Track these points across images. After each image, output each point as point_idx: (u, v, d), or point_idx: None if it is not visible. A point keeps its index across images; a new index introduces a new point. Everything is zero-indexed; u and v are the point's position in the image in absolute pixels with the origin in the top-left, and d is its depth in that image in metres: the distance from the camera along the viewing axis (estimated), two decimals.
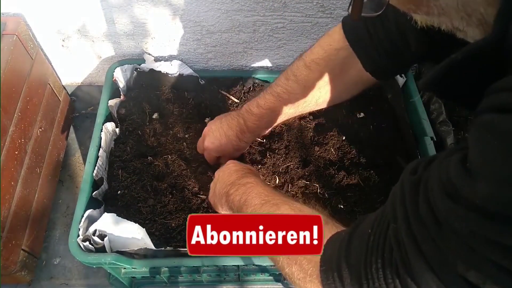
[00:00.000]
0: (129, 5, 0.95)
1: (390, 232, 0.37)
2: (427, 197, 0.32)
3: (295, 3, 0.95)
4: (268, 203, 0.60)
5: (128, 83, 1.07)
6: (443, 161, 0.32)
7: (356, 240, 0.43)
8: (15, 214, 0.91)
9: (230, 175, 0.72)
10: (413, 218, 0.33)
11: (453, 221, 0.29)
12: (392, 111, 1.06)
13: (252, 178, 0.68)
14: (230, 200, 0.67)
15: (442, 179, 0.30)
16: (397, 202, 0.36)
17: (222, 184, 0.72)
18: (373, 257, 0.38)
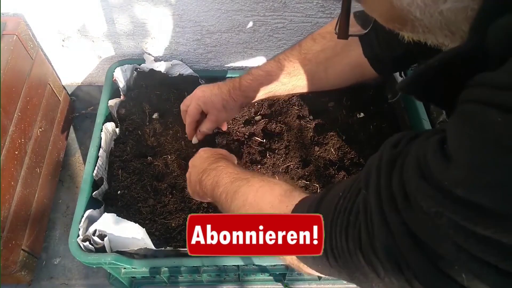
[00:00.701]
0: (129, 5, 0.96)
1: (360, 197, 0.37)
2: (401, 171, 0.32)
3: (295, 3, 0.95)
4: (238, 179, 0.61)
5: (128, 83, 1.07)
6: (425, 139, 0.32)
7: (326, 201, 0.43)
8: (15, 214, 0.91)
9: (202, 163, 0.73)
10: (384, 189, 0.34)
11: (421, 198, 0.29)
12: (392, 111, 1.06)
13: (222, 162, 0.69)
14: (203, 185, 0.69)
15: (419, 157, 0.31)
16: (372, 171, 0.36)
17: (195, 173, 0.73)
18: (339, 219, 0.39)
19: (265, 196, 0.54)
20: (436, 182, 0.28)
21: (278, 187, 0.55)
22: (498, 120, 0.24)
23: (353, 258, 0.37)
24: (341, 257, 0.39)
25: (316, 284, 1.01)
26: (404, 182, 0.32)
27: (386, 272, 0.34)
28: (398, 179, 0.32)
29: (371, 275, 0.36)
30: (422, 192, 0.29)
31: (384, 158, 0.36)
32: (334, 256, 0.40)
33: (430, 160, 0.29)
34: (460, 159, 0.27)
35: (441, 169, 0.28)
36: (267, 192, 0.55)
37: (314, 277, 0.99)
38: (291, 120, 1.03)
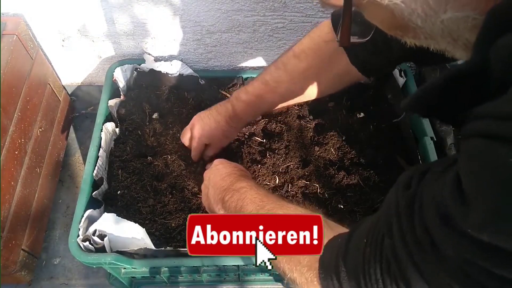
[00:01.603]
0: (129, 5, 0.95)
1: (386, 245, 0.37)
2: (422, 217, 0.32)
3: (295, 3, 0.95)
4: (262, 209, 0.60)
5: (128, 83, 1.07)
6: (438, 177, 0.32)
7: (352, 248, 0.43)
8: (15, 214, 0.91)
9: (222, 179, 0.72)
10: (409, 238, 0.34)
11: (448, 246, 0.29)
12: (392, 111, 1.06)
13: (244, 182, 0.68)
14: (227, 207, 0.68)
15: (437, 200, 0.30)
16: (393, 218, 0.36)
17: (216, 190, 0.72)
18: (371, 269, 0.39)
19: None
20: (460, 228, 0.28)
21: None
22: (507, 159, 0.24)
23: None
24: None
25: None
26: (428, 230, 0.31)
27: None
28: (421, 227, 0.32)
29: None
30: (448, 239, 0.29)
31: (401, 204, 0.36)
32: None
33: (449, 205, 0.29)
34: (478, 203, 0.26)
35: (461, 215, 0.27)
36: None
37: None
38: (291, 120, 1.03)
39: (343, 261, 0.43)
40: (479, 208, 0.26)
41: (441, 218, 0.30)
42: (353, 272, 0.42)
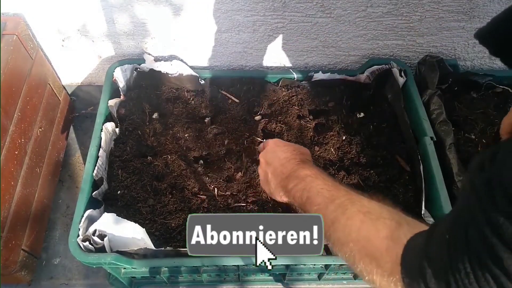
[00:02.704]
0: (129, 5, 0.95)
1: (471, 235, 0.36)
2: (504, 191, 0.32)
3: (295, 3, 0.95)
4: (331, 203, 0.56)
5: (128, 83, 1.07)
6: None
7: (435, 247, 0.42)
8: (15, 214, 0.91)
9: (283, 165, 0.67)
10: (493, 214, 0.33)
11: None
12: (392, 111, 1.06)
13: (307, 170, 0.63)
14: (291, 195, 0.64)
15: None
16: (474, 204, 0.36)
17: (277, 176, 0.67)
18: (459, 264, 0.38)
19: (370, 239, 0.51)
20: None
21: (382, 227, 0.51)
22: None
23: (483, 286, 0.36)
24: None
25: (316, 284, 1.01)
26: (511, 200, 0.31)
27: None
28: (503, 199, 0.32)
29: None
30: None
31: (479, 187, 0.35)
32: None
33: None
34: None
35: None
36: (371, 233, 0.51)
37: (314, 277, 0.99)
38: (291, 120, 1.03)
39: (427, 262, 0.42)
40: None
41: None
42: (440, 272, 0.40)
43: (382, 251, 0.49)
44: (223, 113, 1.05)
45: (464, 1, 0.96)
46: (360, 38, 1.05)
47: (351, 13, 0.98)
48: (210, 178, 0.93)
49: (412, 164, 0.96)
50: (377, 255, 0.50)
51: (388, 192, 0.92)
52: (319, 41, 1.06)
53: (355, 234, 0.52)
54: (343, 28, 1.02)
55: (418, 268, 0.43)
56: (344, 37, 1.05)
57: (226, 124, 1.02)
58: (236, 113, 1.05)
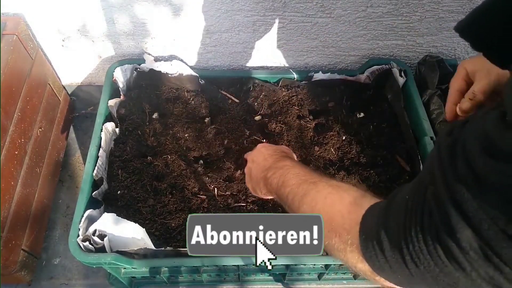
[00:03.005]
0: (129, 5, 0.95)
1: (428, 195, 0.36)
2: (466, 156, 0.32)
3: (295, 3, 0.95)
4: (305, 182, 0.59)
5: (128, 83, 1.07)
6: (479, 119, 0.31)
7: (394, 206, 0.42)
8: (15, 214, 0.91)
9: (265, 160, 0.71)
10: (451, 179, 0.33)
11: (492, 175, 0.29)
12: (392, 111, 1.06)
13: (287, 161, 0.67)
14: (268, 183, 0.67)
15: (479, 136, 0.30)
16: (435, 165, 0.35)
17: (259, 170, 0.71)
18: (412, 221, 0.38)
19: (334, 205, 0.53)
20: (504, 156, 0.27)
21: (347, 195, 0.53)
22: None
23: (435, 258, 0.35)
24: (421, 261, 0.37)
25: (316, 284, 1.01)
26: (471, 166, 0.31)
27: (472, 264, 0.32)
28: (463, 164, 0.32)
29: (456, 274, 0.34)
30: (491, 168, 0.29)
31: (442, 149, 0.35)
32: (414, 262, 0.38)
33: (493, 135, 0.28)
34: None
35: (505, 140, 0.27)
36: (336, 201, 0.54)
37: (314, 277, 0.99)
38: (291, 120, 1.03)
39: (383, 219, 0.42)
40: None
41: (483, 149, 0.29)
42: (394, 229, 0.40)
43: (344, 214, 0.51)
44: (223, 113, 1.05)
45: (464, 1, 0.96)
46: (360, 38, 1.05)
47: (351, 13, 0.98)
48: (210, 178, 0.93)
49: (412, 164, 0.96)
50: (338, 217, 0.51)
51: (388, 192, 0.92)
52: (319, 41, 1.06)
53: (321, 204, 0.54)
54: (343, 28, 1.02)
55: (376, 225, 0.43)
56: (344, 37, 1.05)
57: (226, 124, 1.02)
58: (236, 113, 1.05)
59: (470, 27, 0.36)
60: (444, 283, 0.36)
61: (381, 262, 0.42)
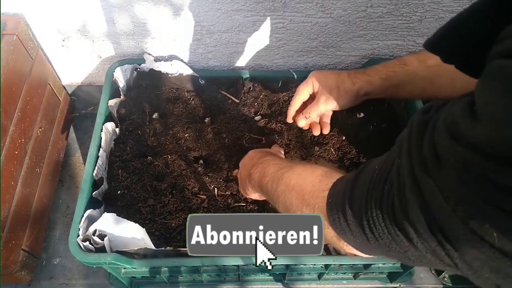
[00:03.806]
0: (129, 5, 0.96)
1: (394, 167, 0.37)
2: (432, 135, 0.33)
3: (295, 3, 0.95)
4: (283, 167, 0.62)
5: (128, 83, 1.07)
6: (454, 103, 0.32)
7: (362, 176, 0.44)
8: (15, 214, 0.91)
9: (250, 159, 0.75)
10: (415, 154, 0.34)
11: (450, 156, 0.30)
12: (392, 111, 1.06)
13: (269, 156, 0.71)
14: (252, 179, 0.70)
15: (448, 119, 0.31)
16: (404, 139, 0.37)
17: (245, 170, 0.75)
18: (373, 192, 0.39)
19: (306, 178, 0.56)
20: (465, 140, 0.28)
21: (319, 169, 0.56)
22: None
23: (388, 227, 0.37)
24: (376, 228, 0.39)
25: (316, 284, 1.01)
26: (435, 145, 0.32)
27: (419, 236, 0.33)
28: (429, 142, 0.33)
29: (406, 243, 0.35)
30: (451, 149, 0.29)
31: (414, 124, 0.36)
32: (370, 228, 0.40)
33: (459, 120, 0.29)
34: (486, 114, 0.26)
35: (468, 127, 0.28)
36: (308, 174, 0.56)
37: (314, 277, 0.99)
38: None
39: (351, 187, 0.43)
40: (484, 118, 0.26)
41: (449, 132, 0.30)
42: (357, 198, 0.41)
43: (315, 183, 0.53)
44: (223, 113, 1.05)
45: (464, 1, 0.96)
46: (360, 39, 1.05)
47: (351, 13, 0.98)
48: (210, 178, 0.93)
49: None
50: (309, 188, 0.53)
51: None
52: (319, 41, 1.06)
53: (295, 179, 0.58)
54: (343, 28, 1.02)
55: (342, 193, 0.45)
56: (344, 37, 1.05)
57: (226, 124, 1.02)
58: (236, 113, 1.05)
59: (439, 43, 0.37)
60: (396, 251, 0.38)
61: (343, 226, 0.45)
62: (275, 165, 0.65)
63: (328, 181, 0.51)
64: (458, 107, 0.30)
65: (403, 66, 0.75)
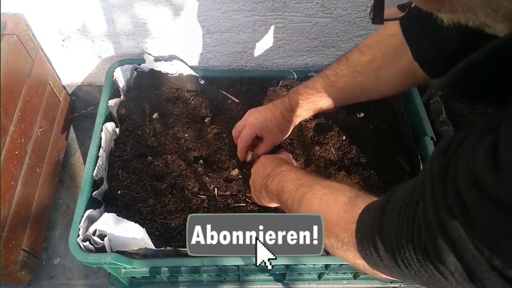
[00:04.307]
0: (129, 5, 0.95)
1: (419, 209, 0.37)
2: (456, 183, 0.32)
3: (295, 3, 0.95)
4: (302, 185, 0.63)
5: (128, 83, 1.07)
6: (474, 144, 0.31)
7: (388, 212, 0.43)
8: (15, 214, 0.91)
9: (265, 168, 0.75)
10: (441, 202, 0.33)
11: (479, 212, 0.29)
12: (392, 111, 1.06)
13: (284, 166, 0.71)
14: (269, 190, 0.71)
15: (470, 167, 0.30)
16: (427, 182, 0.36)
17: (259, 178, 0.75)
18: (403, 232, 0.39)
19: (330, 205, 0.55)
20: (493, 197, 0.27)
21: (341, 195, 0.55)
22: None
23: (424, 267, 0.37)
24: (412, 266, 0.39)
25: (316, 284, 1.01)
26: (460, 195, 0.31)
27: (458, 281, 0.34)
28: (453, 191, 0.32)
29: (444, 282, 0.36)
30: (479, 205, 0.29)
31: (436, 169, 0.35)
32: (405, 265, 0.40)
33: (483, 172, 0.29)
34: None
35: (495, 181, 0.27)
36: (331, 201, 0.55)
37: (314, 277, 0.99)
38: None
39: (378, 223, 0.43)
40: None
41: (473, 183, 0.29)
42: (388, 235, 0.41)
43: (340, 213, 0.53)
44: (223, 113, 1.05)
45: None
46: (360, 38, 1.05)
47: (351, 13, 0.98)
48: (210, 178, 0.93)
49: (412, 164, 0.96)
50: (334, 217, 0.53)
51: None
52: (319, 41, 1.06)
53: (317, 205, 0.57)
54: (343, 28, 1.02)
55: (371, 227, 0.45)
56: (344, 37, 1.05)
57: (226, 124, 1.02)
58: (236, 113, 1.05)
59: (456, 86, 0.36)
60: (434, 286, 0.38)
61: (376, 260, 0.44)
62: (293, 180, 0.65)
63: (353, 212, 0.50)
64: (481, 154, 0.29)
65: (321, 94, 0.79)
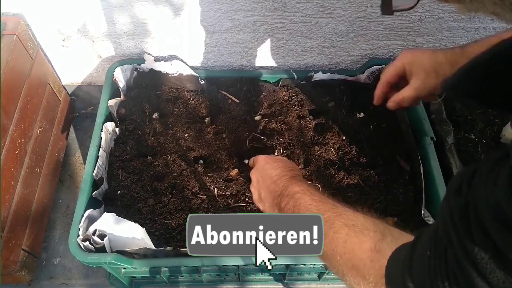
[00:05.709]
0: (130, 5, 0.95)
1: (449, 256, 0.37)
2: (480, 223, 0.31)
3: (295, 3, 0.95)
4: None
5: (128, 83, 1.07)
6: (489, 176, 0.31)
7: (417, 262, 0.42)
8: (15, 214, 0.91)
9: (274, 183, 0.67)
10: (470, 247, 0.33)
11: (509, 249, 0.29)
12: (392, 111, 1.06)
13: (297, 186, 0.65)
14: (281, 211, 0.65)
15: (491, 203, 0.29)
16: (450, 228, 0.35)
17: (270, 194, 0.68)
18: (438, 281, 0.38)
19: (355, 251, 0.52)
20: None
21: (366, 239, 0.52)
22: None
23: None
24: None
25: (316, 284, 1.01)
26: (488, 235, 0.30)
27: None
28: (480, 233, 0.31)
29: None
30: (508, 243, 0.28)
31: (454, 212, 0.35)
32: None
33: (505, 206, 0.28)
34: None
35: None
36: (356, 246, 0.53)
37: (314, 277, 0.99)
38: (291, 120, 1.03)
39: (409, 277, 0.42)
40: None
41: (499, 221, 0.29)
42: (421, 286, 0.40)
43: (367, 263, 0.50)
44: (223, 113, 1.05)
45: None
46: (360, 38, 1.05)
47: (351, 13, 0.98)
48: (210, 178, 0.93)
49: (412, 164, 0.96)
50: (361, 266, 0.50)
51: (388, 192, 0.92)
52: (319, 41, 1.06)
53: (341, 247, 0.53)
54: (343, 28, 1.02)
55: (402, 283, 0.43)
56: (344, 37, 1.05)
57: (226, 124, 1.02)
58: (236, 113, 1.05)
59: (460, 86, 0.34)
60: None
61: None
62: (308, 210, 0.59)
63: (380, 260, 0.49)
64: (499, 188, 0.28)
65: None
